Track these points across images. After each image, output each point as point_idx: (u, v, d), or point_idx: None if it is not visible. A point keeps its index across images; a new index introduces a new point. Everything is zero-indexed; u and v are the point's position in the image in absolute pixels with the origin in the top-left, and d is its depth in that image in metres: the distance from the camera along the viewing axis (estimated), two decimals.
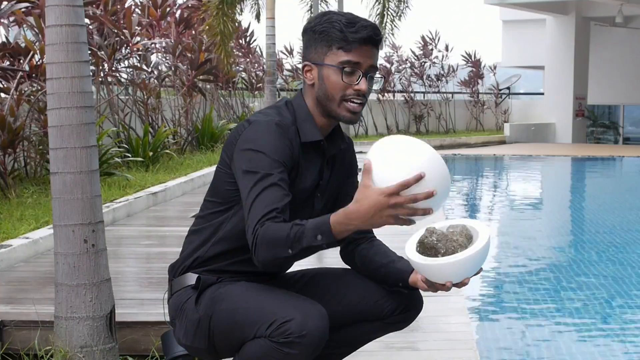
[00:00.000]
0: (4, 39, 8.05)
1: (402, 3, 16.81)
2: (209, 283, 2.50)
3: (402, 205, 2.14)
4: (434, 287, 2.41)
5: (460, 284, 2.40)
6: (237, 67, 16.48)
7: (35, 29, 7.91)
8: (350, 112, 2.45)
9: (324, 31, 2.43)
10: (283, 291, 2.44)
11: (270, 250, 2.23)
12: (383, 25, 14.21)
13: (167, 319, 2.61)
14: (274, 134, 2.38)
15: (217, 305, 2.43)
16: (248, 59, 16.59)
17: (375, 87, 2.53)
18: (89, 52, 3.66)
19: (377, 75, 2.50)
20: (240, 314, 2.37)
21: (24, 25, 8.18)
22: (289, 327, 2.26)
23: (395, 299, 2.58)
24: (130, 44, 10.50)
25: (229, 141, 2.46)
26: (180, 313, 2.51)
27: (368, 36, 2.42)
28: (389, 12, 16.34)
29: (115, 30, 10.18)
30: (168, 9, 11.94)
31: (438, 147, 19.43)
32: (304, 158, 2.47)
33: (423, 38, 21.88)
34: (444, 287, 2.38)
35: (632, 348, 4.67)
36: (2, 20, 7.88)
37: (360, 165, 2.74)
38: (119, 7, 10.37)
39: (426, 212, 2.15)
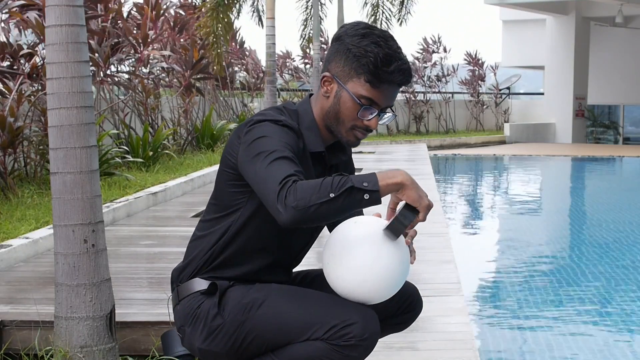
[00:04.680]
0: (4, 40, 8.03)
1: (404, 8, 16.84)
2: (225, 287, 2.47)
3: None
4: None
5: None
6: (235, 69, 16.49)
7: (37, 30, 7.89)
8: (355, 138, 2.44)
9: (359, 56, 2.34)
10: (324, 294, 2.42)
11: (307, 195, 2.12)
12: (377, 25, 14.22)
13: (171, 319, 2.58)
14: (279, 128, 2.35)
15: (252, 311, 2.39)
16: (244, 61, 16.57)
17: (383, 122, 2.44)
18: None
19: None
20: (288, 317, 2.35)
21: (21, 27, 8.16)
22: (351, 330, 2.27)
23: (396, 300, 2.57)
24: (141, 54, 10.52)
25: (231, 141, 2.43)
26: (193, 319, 2.46)
27: (399, 82, 2.36)
28: (383, 14, 16.35)
29: (131, 38, 10.19)
30: (163, 12, 11.93)
31: (438, 147, 19.46)
32: (306, 163, 2.44)
33: (425, 40, 21.89)
34: None
35: (632, 348, 4.68)
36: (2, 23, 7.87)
37: (356, 165, 2.73)
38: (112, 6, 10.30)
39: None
